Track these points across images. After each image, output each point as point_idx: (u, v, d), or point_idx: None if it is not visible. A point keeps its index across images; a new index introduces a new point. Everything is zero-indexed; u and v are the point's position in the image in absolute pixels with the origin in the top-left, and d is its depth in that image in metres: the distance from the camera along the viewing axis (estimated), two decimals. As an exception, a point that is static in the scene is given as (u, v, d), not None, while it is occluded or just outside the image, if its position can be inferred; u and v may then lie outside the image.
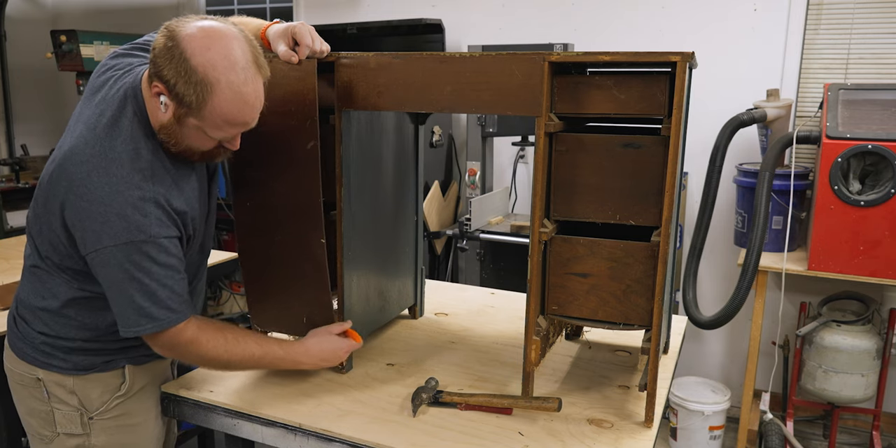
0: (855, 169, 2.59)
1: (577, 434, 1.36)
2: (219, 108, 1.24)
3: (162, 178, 1.33)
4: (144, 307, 1.29)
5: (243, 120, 1.29)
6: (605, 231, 1.43)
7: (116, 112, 1.33)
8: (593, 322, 1.44)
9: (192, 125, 1.29)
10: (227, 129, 1.30)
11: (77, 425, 1.45)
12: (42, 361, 1.44)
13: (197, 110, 1.25)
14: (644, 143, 1.34)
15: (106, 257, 1.27)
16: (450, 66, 1.39)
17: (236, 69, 1.23)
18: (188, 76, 1.22)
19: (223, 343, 1.40)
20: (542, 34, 3.56)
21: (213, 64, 1.21)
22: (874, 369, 2.81)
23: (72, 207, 1.28)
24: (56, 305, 1.40)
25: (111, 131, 1.31)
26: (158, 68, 1.24)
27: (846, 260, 2.60)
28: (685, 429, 3.06)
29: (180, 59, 1.21)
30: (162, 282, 1.30)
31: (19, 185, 4.40)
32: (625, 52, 1.27)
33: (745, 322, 3.28)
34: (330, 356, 1.53)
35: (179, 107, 1.26)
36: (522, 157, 3.71)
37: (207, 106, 1.24)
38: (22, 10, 5.01)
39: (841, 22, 3.09)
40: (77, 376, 1.44)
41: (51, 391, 1.44)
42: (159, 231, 1.29)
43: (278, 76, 1.44)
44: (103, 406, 1.46)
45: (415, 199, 1.91)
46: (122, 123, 1.32)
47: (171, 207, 1.32)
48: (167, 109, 1.27)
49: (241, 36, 1.27)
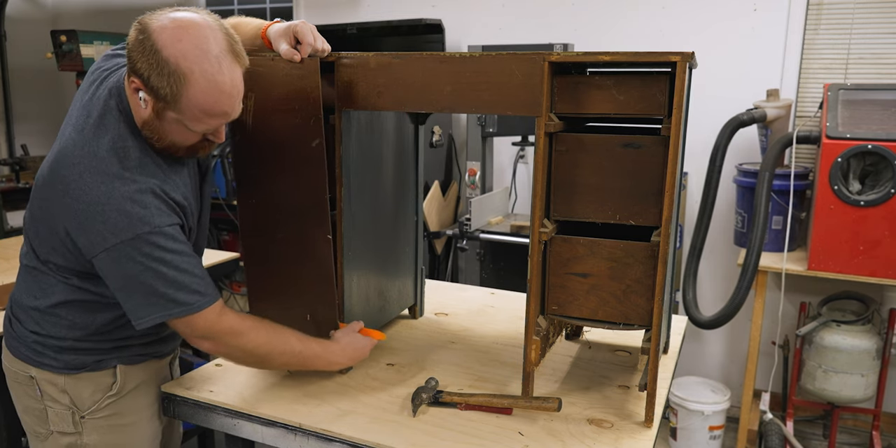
0: (855, 169, 2.59)
1: (577, 434, 1.36)
2: (195, 98, 1.23)
3: (154, 172, 1.32)
4: (169, 293, 1.28)
5: (221, 110, 1.27)
6: (605, 231, 1.43)
7: (102, 111, 1.32)
8: (593, 322, 1.44)
9: (171, 119, 1.27)
10: (207, 121, 1.28)
11: (69, 424, 1.45)
12: (34, 360, 1.44)
13: (174, 103, 1.23)
14: (644, 143, 1.34)
15: (116, 255, 1.26)
16: (450, 66, 1.39)
17: (209, 58, 1.21)
18: (160, 68, 1.20)
19: (265, 335, 1.38)
20: (542, 34, 3.56)
21: (184, 54, 1.20)
22: (874, 369, 2.81)
23: (70, 211, 1.27)
24: (46, 305, 1.40)
25: (98, 131, 1.30)
26: (133, 63, 1.23)
27: (846, 260, 2.61)
28: (685, 429, 3.06)
29: (152, 51, 1.20)
30: (180, 267, 1.29)
31: (19, 185, 4.40)
32: (625, 52, 1.27)
33: (745, 322, 3.28)
34: (360, 354, 1.54)
35: (157, 101, 1.24)
36: (522, 157, 3.71)
37: (183, 98, 1.22)
38: (22, 10, 5.02)
39: (841, 22, 3.09)
40: (68, 375, 1.44)
41: (43, 389, 1.45)
42: (162, 220, 1.28)
43: (280, 75, 1.44)
44: (95, 405, 1.46)
45: (415, 199, 1.92)
46: (108, 122, 1.31)
47: (168, 197, 1.31)
48: (146, 105, 1.26)
49: (216, 24, 1.25)
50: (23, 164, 4.44)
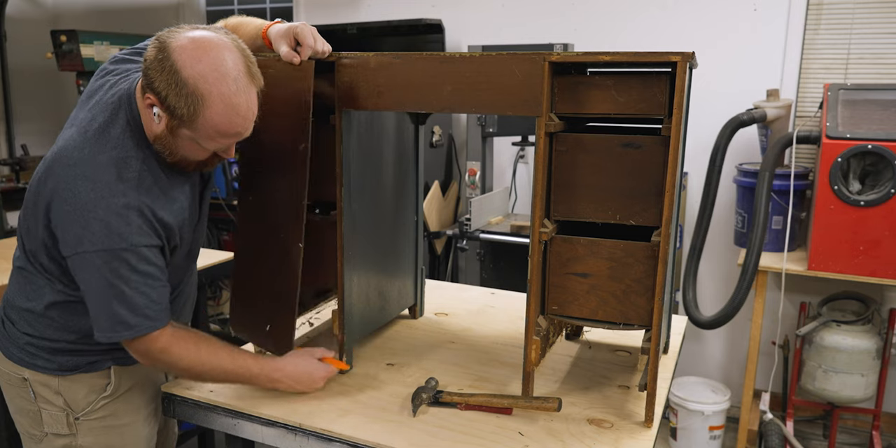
0: (855, 169, 2.59)
1: (577, 434, 1.36)
2: (211, 120, 1.24)
3: (149, 188, 1.33)
4: (120, 314, 1.29)
5: (235, 131, 1.29)
6: (605, 231, 1.43)
7: (109, 118, 1.33)
8: (593, 322, 1.44)
9: (185, 136, 1.29)
10: (221, 140, 1.30)
11: (63, 425, 1.45)
12: (27, 362, 1.44)
13: (189, 122, 1.25)
14: (644, 143, 1.34)
15: (84, 262, 1.27)
16: (450, 66, 1.38)
17: (227, 80, 1.23)
18: (179, 88, 1.21)
19: (195, 353, 1.37)
20: (542, 34, 3.56)
21: (203, 76, 1.21)
22: (874, 369, 2.81)
23: (56, 209, 1.28)
24: (40, 307, 1.40)
25: (101, 137, 1.31)
26: (150, 80, 1.24)
27: (846, 260, 2.61)
28: (685, 429, 3.06)
29: (171, 71, 1.21)
30: (140, 289, 1.29)
31: (19, 185, 4.40)
32: (625, 52, 1.27)
33: (745, 322, 3.28)
34: (305, 378, 1.47)
35: (172, 119, 1.26)
36: (522, 157, 3.71)
37: (199, 118, 1.24)
38: (22, 10, 5.01)
39: (841, 22, 3.09)
40: (62, 377, 1.43)
41: (37, 391, 1.44)
42: (140, 240, 1.28)
43: (278, 77, 1.44)
44: (89, 406, 1.46)
45: (415, 199, 1.91)
46: (114, 130, 1.32)
47: (155, 218, 1.32)
48: (160, 121, 1.28)
49: (234, 46, 1.26)
50: (23, 164, 4.44)
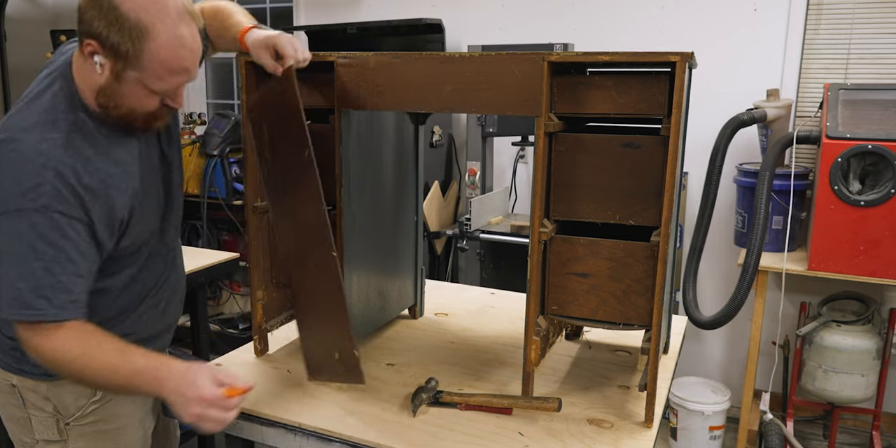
0: (855, 169, 2.58)
1: (577, 434, 1.36)
2: (157, 53, 1.20)
3: (80, 149, 1.24)
4: (19, 288, 1.18)
5: (182, 65, 1.23)
6: (605, 231, 1.43)
7: (44, 88, 1.29)
8: (593, 322, 1.44)
9: (131, 79, 1.22)
10: (169, 78, 1.24)
11: (54, 431, 1.41)
12: (14, 367, 1.39)
13: (135, 59, 1.20)
14: (644, 143, 1.34)
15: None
16: (450, 66, 1.38)
17: (169, 11, 1.19)
18: (120, 24, 1.17)
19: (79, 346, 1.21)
20: (542, 34, 3.56)
21: (144, 7, 1.18)
22: (874, 369, 2.81)
23: None
24: None
25: (30, 105, 1.27)
26: (88, 25, 1.20)
27: (846, 260, 2.60)
28: (685, 429, 3.06)
29: (109, 7, 1.17)
30: (47, 267, 1.17)
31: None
32: (624, 53, 1.27)
33: (745, 322, 3.28)
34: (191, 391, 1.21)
35: (116, 61, 1.20)
36: (522, 157, 3.71)
37: (145, 52, 1.19)
38: (22, 10, 5.02)
39: (841, 22, 3.09)
40: (50, 382, 1.38)
41: (26, 397, 1.40)
42: (52, 203, 1.18)
43: (263, 91, 1.45)
44: (79, 411, 1.41)
45: (415, 199, 1.91)
46: (44, 97, 1.27)
47: (80, 184, 1.22)
48: (103, 69, 1.22)
49: None
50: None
